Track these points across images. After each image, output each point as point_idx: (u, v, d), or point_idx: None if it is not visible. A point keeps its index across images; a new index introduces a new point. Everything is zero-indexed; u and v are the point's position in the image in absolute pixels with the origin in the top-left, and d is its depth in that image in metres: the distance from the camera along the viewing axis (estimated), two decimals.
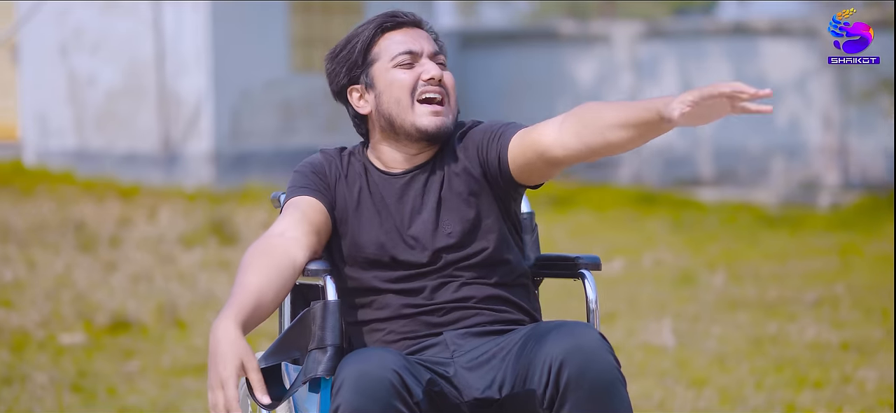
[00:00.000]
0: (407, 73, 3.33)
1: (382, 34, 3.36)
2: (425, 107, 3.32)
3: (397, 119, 3.33)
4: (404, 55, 3.33)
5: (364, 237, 3.31)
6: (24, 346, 6.80)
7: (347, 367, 3.05)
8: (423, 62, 3.34)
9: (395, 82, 3.32)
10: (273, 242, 3.19)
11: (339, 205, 3.34)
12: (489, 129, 3.36)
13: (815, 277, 9.29)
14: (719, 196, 14.74)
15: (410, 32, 3.37)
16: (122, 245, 10.28)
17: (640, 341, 7.09)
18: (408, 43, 3.35)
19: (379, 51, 3.35)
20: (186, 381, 6.18)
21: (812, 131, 15.31)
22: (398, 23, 3.37)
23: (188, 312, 7.71)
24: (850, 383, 6.05)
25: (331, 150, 3.42)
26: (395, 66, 3.33)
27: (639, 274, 9.57)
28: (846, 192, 14.57)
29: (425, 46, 3.36)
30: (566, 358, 3.04)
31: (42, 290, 8.33)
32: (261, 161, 14.54)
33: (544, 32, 17.64)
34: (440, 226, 3.31)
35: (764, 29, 15.67)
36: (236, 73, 14.53)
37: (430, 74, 3.33)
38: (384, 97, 3.33)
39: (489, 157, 3.33)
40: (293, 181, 3.35)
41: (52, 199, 12.92)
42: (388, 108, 3.33)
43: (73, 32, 15.11)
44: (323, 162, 3.37)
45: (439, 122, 3.32)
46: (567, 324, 3.14)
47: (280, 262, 3.15)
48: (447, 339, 3.26)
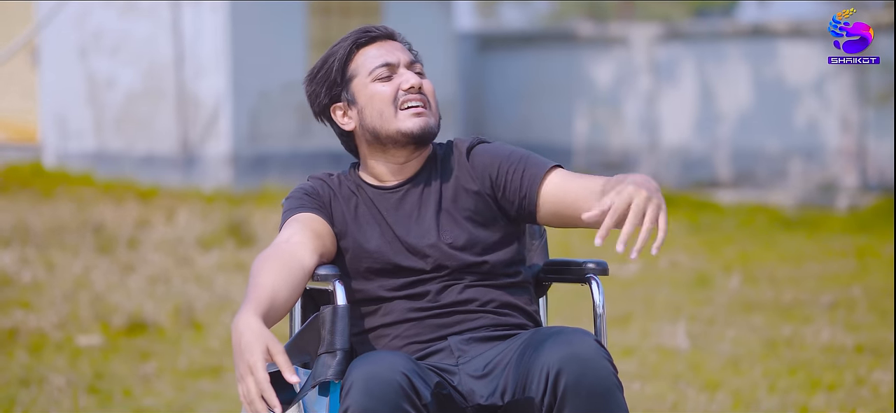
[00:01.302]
0: (386, 84, 3.38)
1: (357, 50, 3.41)
2: (407, 111, 3.37)
3: (382, 130, 3.38)
4: (382, 68, 3.38)
5: (366, 247, 3.35)
6: (42, 348, 6.85)
7: (357, 370, 3.08)
8: (401, 72, 3.39)
9: (376, 95, 3.38)
10: (281, 248, 3.24)
11: (336, 220, 3.38)
12: (507, 158, 3.39)
13: (832, 280, 9.28)
14: (737, 198, 14.73)
15: (385, 45, 3.42)
16: (140, 247, 10.33)
17: (654, 343, 7.10)
18: (384, 55, 3.39)
19: (356, 67, 3.40)
20: (202, 383, 6.21)
21: (830, 133, 15.29)
22: (372, 37, 3.42)
23: (205, 314, 7.74)
24: (863, 386, 6.05)
25: (319, 174, 3.47)
26: (373, 80, 3.38)
27: (655, 276, 9.58)
28: (864, 194, 14.55)
29: (401, 57, 3.41)
30: (563, 366, 3.07)
31: (60, 291, 8.38)
32: (279, 163, 14.59)
33: (562, 34, 17.64)
34: (441, 234, 3.35)
35: (782, 30, 15.65)
36: (255, 75, 14.58)
37: (409, 83, 3.37)
38: (367, 111, 3.38)
39: (507, 187, 3.37)
40: (287, 206, 3.40)
41: (72, 201, 12.98)
42: (372, 121, 3.38)
43: (92, 35, 15.18)
44: (314, 185, 3.43)
45: (423, 123, 3.37)
46: (564, 331, 3.16)
47: (289, 264, 3.19)
48: (452, 344, 3.30)
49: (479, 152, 3.43)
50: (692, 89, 16.19)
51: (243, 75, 14.45)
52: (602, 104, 16.76)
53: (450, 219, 3.37)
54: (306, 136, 14.88)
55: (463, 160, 3.43)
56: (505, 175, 3.38)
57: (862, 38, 3.76)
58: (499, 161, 3.40)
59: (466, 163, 3.42)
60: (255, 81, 14.58)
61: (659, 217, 3.06)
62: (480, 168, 3.40)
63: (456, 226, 3.36)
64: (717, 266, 9.99)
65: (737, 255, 10.65)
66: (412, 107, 3.36)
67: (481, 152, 3.43)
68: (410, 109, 3.36)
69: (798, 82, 15.51)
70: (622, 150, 16.51)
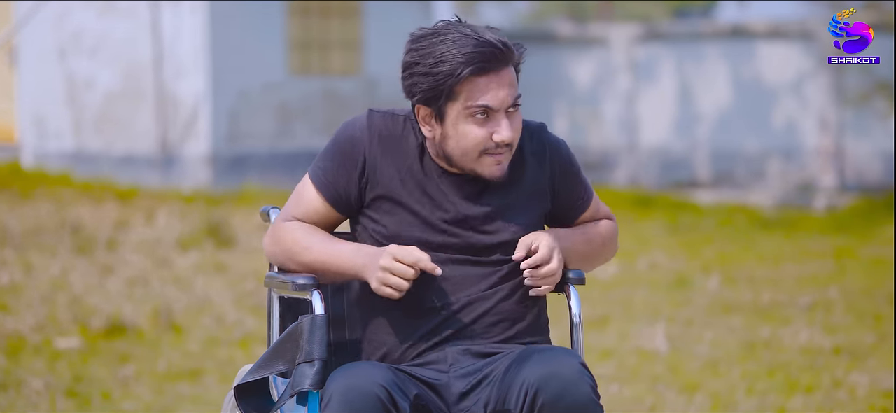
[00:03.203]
0: (480, 129, 3.22)
1: (470, 76, 3.19)
2: (491, 158, 3.26)
3: (458, 162, 3.27)
4: (481, 109, 3.21)
5: (396, 217, 3.30)
6: (20, 351, 6.82)
7: (336, 381, 3.09)
8: (499, 120, 3.22)
9: (467, 136, 3.22)
10: (295, 223, 3.34)
11: (374, 183, 3.29)
12: (578, 178, 3.42)
13: (810, 281, 9.31)
14: (716, 198, 14.77)
15: (498, 78, 3.21)
16: (118, 248, 10.30)
17: (632, 346, 7.11)
18: (488, 96, 3.20)
19: (460, 91, 3.20)
20: (181, 386, 6.20)
21: (808, 134, 15.34)
22: (486, 68, 3.20)
23: (184, 317, 7.73)
24: (841, 388, 6.08)
25: (366, 123, 3.30)
26: (468, 116, 3.22)
27: (633, 277, 9.60)
28: (842, 194, 14.60)
29: (505, 98, 3.22)
30: (542, 384, 3.09)
31: (38, 293, 8.35)
32: (258, 163, 14.57)
33: (542, 34, 17.66)
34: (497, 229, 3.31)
35: (761, 31, 15.69)
36: (234, 75, 14.56)
37: (502, 139, 3.22)
38: (451, 142, 3.24)
39: (560, 199, 3.39)
40: (322, 155, 3.33)
41: (50, 202, 12.94)
42: (452, 151, 3.25)
43: (71, 35, 15.14)
44: (357, 142, 3.29)
45: (499, 171, 3.27)
46: (551, 349, 3.20)
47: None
48: (448, 354, 3.28)
49: (560, 156, 3.39)
50: (671, 89, 16.23)
51: (222, 75, 14.44)
52: (581, 104, 16.78)
53: (512, 216, 3.33)
54: (286, 136, 14.87)
55: (544, 155, 3.37)
56: (568, 187, 3.40)
57: (862, 38, 3.77)
58: (570, 169, 3.40)
59: (547, 158, 3.37)
60: (235, 81, 14.56)
61: (542, 286, 3.30)
62: (558, 173, 3.38)
63: (512, 226, 3.32)
64: (696, 267, 10.01)
65: (715, 255, 10.67)
66: (496, 156, 3.26)
67: (561, 156, 3.39)
68: (494, 157, 3.25)
69: (777, 83, 15.56)
70: (601, 150, 16.54)
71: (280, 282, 3.31)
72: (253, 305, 8.08)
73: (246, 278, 9.03)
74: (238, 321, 7.65)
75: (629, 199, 14.42)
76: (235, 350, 6.95)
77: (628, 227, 12.63)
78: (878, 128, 14.75)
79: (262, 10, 14.72)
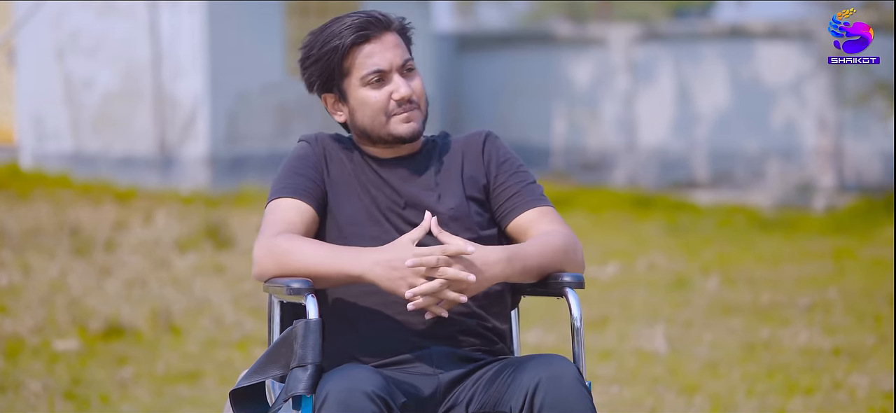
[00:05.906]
0: (378, 92, 3.40)
1: (353, 47, 3.39)
2: (398, 117, 3.40)
3: (372, 132, 3.43)
4: (373, 74, 3.39)
5: (348, 208, 3.40)
6: (18, 353, 6.81)
7: (329, 385, 3.11)
8: (393, 79, 3.40)
9: (367, 102, 3.40)
10: (283, 234, 3.33)
11: (329, 182, 3.43)
12: (516, 169, 3.47)
13: (809, 282, 9.30)
14: (715, 198, 14.76)
15: (380, 43, 3.39)
16: (117, 249, 10.29)
17: (632, 347, 7.10)
18: (377, 61, 3.39)
19: (350, 65, 3.40)
20: (180, 388, 6.19)
21: (807, 134, 15.34)
22: (368, 36, 3.39)
23: (182, 318, 7.72)
24: (841, 389, 6.07)
25: (312, 136, 3.51)
26: (365, 85, 3.40)
27: (633, 278, 9.59)
28: (841, 194, 14.59)
29: (394, 60, 3.40)
30: (543, 385, 3.12)
31: (37, 295, 8.34)
32: (256, 164, 14.56)
33: (540, 35, 17.65)
34: (441, 199, 3.41)
35: (760, 31, 15.68)
36: (232, 76, 14.55)
37: (400, 94, 3.39)
38: (357, 114, 3.43)
39: (495, 190, 3.45)
40: (279, 177, 3.44)
41: (49, 203, 12.93)
42: (364, 123, 3.42)
43: (69, 35, 15.13)
44: (307, 150, 3.47)
45: (412, 128, 3.41)
46: (548, 355, 3.22)
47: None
48: (434, 354, 3.32)
49: (495, 147, 3.50)
50: (670, 90, 16.22)
51: (221, 76, 14.43)
52: (580, 105, 16.78)
53: (448, 189, 3.43)
54: (284, 137, 14.86)
55: (475, 148, 3.49)
56: (503, 178, 3.46)
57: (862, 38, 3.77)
58: (506, 162, 3.47)
59: (481, 151, 3.49)
60: (233, 82, 14.55)
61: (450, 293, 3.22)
62: (493, 164, 3.48)
63: (452, 195, 3.42)
64: (695, 268, 10.00)
65: (715, 256, 10.66)
66: (402, 114, 3.40)
67: (496, 148, 3.50)
68: (401, 115, 3.40)
69: (775, 83, 15.55)
70: (600, 150, 16.53)
71: (275, 286, 3.31)
72: (252, 307, 8.07)
73: (245, 279, 9.02)
74: (237, 322, 7.64)
75: (628, 200, 14.42)
76: (234, 351, 6.94)
77: (627, 228, 12.62)
78: (877, 128, 14.74)
79: (261, 10, 14.71)
